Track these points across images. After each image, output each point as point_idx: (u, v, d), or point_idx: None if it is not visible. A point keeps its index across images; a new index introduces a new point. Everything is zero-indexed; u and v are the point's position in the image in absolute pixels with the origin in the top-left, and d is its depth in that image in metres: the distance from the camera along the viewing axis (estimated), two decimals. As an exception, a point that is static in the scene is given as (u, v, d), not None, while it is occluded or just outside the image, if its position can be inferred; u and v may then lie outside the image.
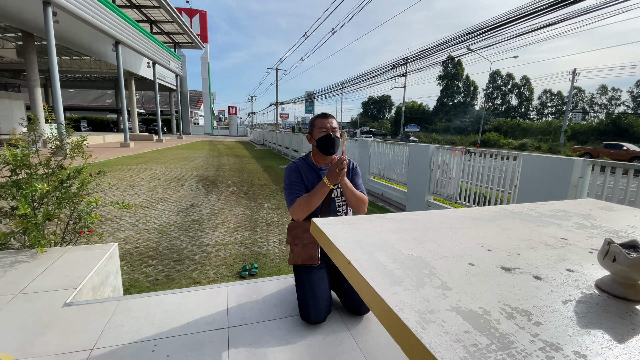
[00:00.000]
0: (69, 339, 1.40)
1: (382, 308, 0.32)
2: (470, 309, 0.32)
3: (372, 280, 0.36)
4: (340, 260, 0.43)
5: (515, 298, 0.34)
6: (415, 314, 0.31)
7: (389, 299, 0.33)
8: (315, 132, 1.64)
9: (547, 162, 3.72)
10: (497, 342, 0.28)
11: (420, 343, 0.27)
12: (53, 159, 2.55)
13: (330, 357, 1.34)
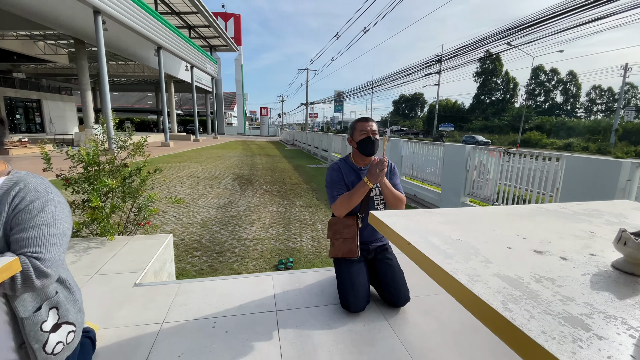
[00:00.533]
0: (142, 313, 1.64)
1: (440, 273, 0.43)
2: (507, 275, 0.43)
3: (430, 255, 0.47)
4: (401, 242, 0.54)
5: (543, 270, 0.44)
6: (466, 276, 0.42)
7: (445, 267, 0.44)
8: (356, 135, 1.76)
9: (592, 164, 3.55)
10: (527, 295, 0.38)
11: (472, 292, 0.38)
12: (117, 157, 2.88)
13: (370, 342, 1.46)
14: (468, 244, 0.53)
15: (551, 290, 0.39)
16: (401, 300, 1.71)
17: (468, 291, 0.37)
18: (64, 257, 0.92)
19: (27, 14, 12.82)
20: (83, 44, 17.34)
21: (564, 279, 0.42)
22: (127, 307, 1.68)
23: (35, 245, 0.84)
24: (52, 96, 26.45)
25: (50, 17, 13.77)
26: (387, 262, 1.81)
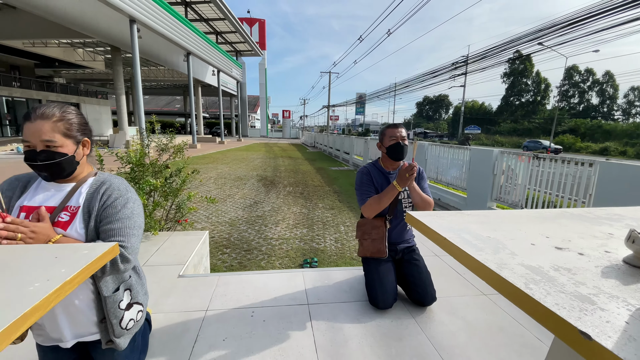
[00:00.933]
0: (187, 302, 1.80)
1: (474, 262, 0.52)
2: (530, 264, 0.51)
3: (463, 247, 0.56)
4: (437, 237, 0.64)
5: (561, 262, 0.53)
6: (495, 264, 0.51)
7: (477, 256, 0.53)
8: (386, 141, 1.85)
9: (627, 171, 3.43)
10: (545, 279, 0.47)
11: (500, 276, 0.47)
12: (159, 159, 3.12)
13: (398, 337, 1.54)
14: (496, 240, 0.62)
15: (566, 277, 0.47)
16: (428, 300, 1.78)
17: (497, 275, 0.47)
18: (139, 246, 1.08)
19: (71, 23, 13.82)
20: (119, 50, 18.40)
21: (578, 269, 0.50)
22: (174, 295, 1.85)
23: (120, 235, 1.00)
24: (90, 100, 28.20)
25: (91, 26, 14.78)
26: (415, 262, 1.89)
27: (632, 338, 0.35)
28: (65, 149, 0.97)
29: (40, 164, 0.94)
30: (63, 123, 0.97)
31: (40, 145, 0.93)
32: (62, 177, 1.01)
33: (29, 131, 0.94)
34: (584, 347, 0.35)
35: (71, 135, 0.99)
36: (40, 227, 0.89)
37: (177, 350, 1.41)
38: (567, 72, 47.22)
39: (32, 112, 0.95)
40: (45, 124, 0.93)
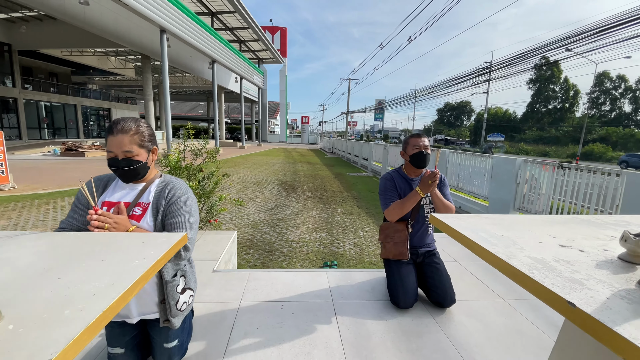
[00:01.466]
0: (222, 294, 1.97)
1: (487, 253, 0.63)
2: (535, 257, 0.62)
3: (479, 242, 0.68)
4: (457, 235, 0.75)
5: (563, 256, 0.63)
6: (505, 255, 0.62)
7: (491, 249, 0.64)
8: (409, 149, 1.96)
9: (658, 181, 3.36)
10: (546, 268, 0.58)
11: (509, 264, 0.58)
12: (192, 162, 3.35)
13: (418, 334, 1.64)
14: (508, 238, 0.73)
15: (564, 267, 0.58)
16: (447, 301, 1.87)
17: (507, 264, 0.58)
18: (195, 238, 1.25)
19: (106, 34, 14.74)
20: (149, 59, 19.36)
21: (576, 262, 0.60)
22: (210, 288, 2.03)
23: (182, 228, 1.18)
24: (120, 105, 29.73)
25: (124, 36, 15.70)
26: (435, 265, 1.98)
27: (609, 308, 0.46)
28: (140, 157, 1.17)
29: (122, 169, 1.14)
30: (138, 136, 1.16)
31: (121, 155, 1.13)
32: (137, 179, 1.21)
33: (112, 143, 1.14)
34: (569, 312, 0.46)
35: (144, 146, 1.18)
36: (121, 219, 1.08)
37: (217, 335, 1.58)
38: (597, 79, 45.31)
39: (114, 126, 1.15)
40: (125, 138, 1.13)
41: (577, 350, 0.72)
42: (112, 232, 1.03)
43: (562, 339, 0.77)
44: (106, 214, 1.04)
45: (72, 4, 12.41)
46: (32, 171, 10.17)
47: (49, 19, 17.59)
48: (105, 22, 14.53)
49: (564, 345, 0.76)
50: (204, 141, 3.38)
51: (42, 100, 22.23)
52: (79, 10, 12.96)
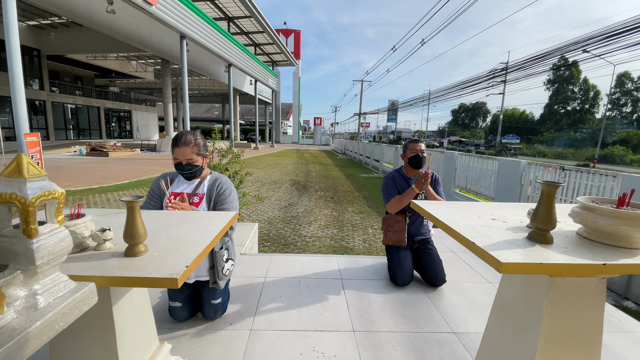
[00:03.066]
0: (250, 271, 2.37)
1: (439, 222, 0.98)
2: (468, 224, 0.98)
3: (436, 215, 1.03)
4: (425, 213, 1.09)
5: (489, 224, 0.98)
6: (450, 221, 0.98)
7: (441, 219, 1.00)
8: (408, 152, 2.32)
9: (649, 183, 3.59)
10: (472, 229, 0.93)
11: (450, 227, 0.94)
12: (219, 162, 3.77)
13: (411, 305, 1.99)
14: (459, 214, 1.07)
15: (485, 229, 0.92)
16: (438, 281, 2.21)
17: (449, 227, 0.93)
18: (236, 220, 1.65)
19: (129, 39, 15.56)
20: (168, 62, 20.19)
21: (495, 227, 0.94)
22: (240, 266, 2.43)
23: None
24: (140, 107, 30.90)
25: (145, 41, 16.51)
26: (429, 251, 2.32)
27: (496, 247, 0.81)
28: (197, 162, 1.59)
29: (186, 172, 1.57)
30: (196, 147, 1.59)
31: (185, 161, 1.56)
32: (195, 177, 1.63)
33: (177, 153, 1.57)
34: (472, 247, 0.81)
35: (200, 154, 1.61)
36: (185, 205, 1.49)
37: (249, 299, 1.97)
38: (618, 80, 44.01)
39: (179, 140, 1.57)
40: (187, 149, 1.56)
41: (509, 291, 1.07)
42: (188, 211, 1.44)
43: (500, 286, 1.12)
44: (177, 202, 1.46)
45: (99, 12, 13.21)
46: (64, 170, 10.93)
47: (76, 25, 18.62)
48: (129, 28, 15.35)
49: (502, 288, 1.11)
50: (230, 143, 3.80)
51: (68, 103, 23.42)
52: (105, 17, 13.75)
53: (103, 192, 7.55)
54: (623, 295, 3.66)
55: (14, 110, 7.51)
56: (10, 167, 0.49)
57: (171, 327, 1.70)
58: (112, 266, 0.82)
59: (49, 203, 0.52)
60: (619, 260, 0.80)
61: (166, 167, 12.11)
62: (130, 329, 1.08)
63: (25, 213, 0.48)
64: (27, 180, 0.48)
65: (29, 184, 0.49)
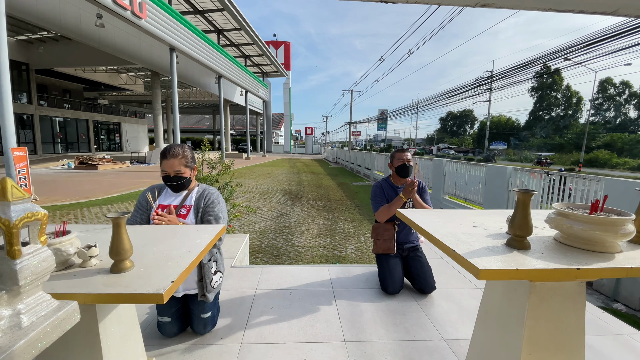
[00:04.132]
0: (241, 284, 2.35)
1: (420, 229, 1.01)
2: (451, 232, 1.00)
3: (418, 223, 1.06)
4: (408, 220, 1.12)
5: (470, 231, 1.01)
6: (432, 230, 1.00)
7: (423, 226, 1.03)
8: (395, 162, 2.36)
9: (630, 186, 3.70)
10: (453, 236, 0.96)
11: (432, 235, 0.96)
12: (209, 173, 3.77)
13: (402, 313, 2.00)
14: (441, 222, 1.10)
15: (466, 237, 0.95)
16: (428, 288, 2.23)
17: (431, 235, 0.95)
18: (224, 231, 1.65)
19: (118, 52, 15.54)
20: (158, 75, 20.17)
21: (476, 234, 0.97)
22: (230, 279, 2.41)
23: (216, 223, 1.59)
24: (129, 119, 30.64)
25: (135, 54, 16.52)
26: (418, 258, 2.34)
27: (475, 254, 0.84)
28: (185, 174, 1.60)
29: (174, 184, 1.57)
30: (184, 159, 1.60)
31: (172, 173, 1.57)
32: (183, 189, 1.63)
33: (166, 165, 1.58)
34: (452, 255, 0.84)
35: (188, 165, 1.62)
36: (172, 218, 1.49)
37: (239, 313, 1.95)
38: (600, 85, 45.52)
39: (167, 153, 1.59)
40: (175, 161, 1.57)
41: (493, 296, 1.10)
42: (176, 225, 1.44)
43: (485, 292, 1.15)
44: (163, 214, 1.46)
45: (88, 26, 13.19)
46: (50, 184, 10.71)
47: (65, 39, 18.53)
48: (118, 42, 15.35)
49: (486, 293, 1.13)
50: (220, 154, 3.80)
51: (56, 116, 23.11)
52: (94, 31, 13.73)
53: (91, 206, 7.42)
54: (612, 298, 3.73)
55: (1, 125, 7.37)
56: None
57: (160, 343, 1.67)
58: (97, 283, 0.82)
59: (32, 224, 0.53)
60: (592, 264, 0.83)
61: (156, 179, 11.99)
62: (117, 346, 1.06)
63: (9, 235, 0.49)
64: (11, 203, 0.50)
65: (13, 206, 0.50)
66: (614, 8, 0.80)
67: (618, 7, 0.79)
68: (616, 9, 0.80)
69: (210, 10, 19.38)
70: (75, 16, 12.93)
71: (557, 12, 0.84)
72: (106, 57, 18.28)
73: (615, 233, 0.88)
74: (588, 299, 3.51)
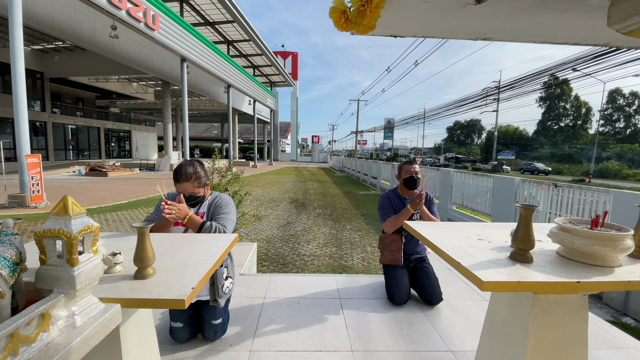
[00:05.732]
0: (249, 292, 2.40)
1: (427, 241, 1.05)
2: (456, 244, 1.04)
3: (425, 235, 1.10)
4: (415, 232, 1.17)
5: (475, 244, 1.05)
6: (438, 242, 1.04)
7: (429, 238, 1.07)
8: (402, 174, 2.40)
9: (638, 199, 3.68)
10: (459, 249, 1.01)
11: (438, 247, 1.01)
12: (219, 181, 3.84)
13: (409, 323, 2.02)
14: (446, 235, 1.14)
15: (471, 249, 0.99)
16: (435, 299, 2.24)
17: (437, 247, 1.00)
18: (232, 230, 1.70)
19: (131, 62, 15.98)
20: (168, 84, 20.63)
21: (480, 247, 1.01)
22: (239, 287, 2.46)
23: (223, 220, 1.66)
24: (139, 127, 31.24)
25: (147, 64, 16.96)
26: (425, 269, 2.37)
27: (479, 267, 0.88)
28: (199, 193, 1.69)
29: (189, 203, 1.66)
30: (196, 180, 1.68)
31: (187, 194, 1.64)
32: (198, 204, 1.71)
33: (180, 188, 1.68)
34: (457, 267, 0.88)
35: (201, 185, 1.70)
36: (182, 206, 1.55)
37: (248, 320, 2.00)
38: (610, 96, 45.11)
39: (180, 176, 1.67)
40: (188, 185, 1.66)
41: (498, 308, 1.13)
42: (192, 234, 1.50)
43: (490, 304, 1.18)
44: (172, 203, 1.52)
45: (103, 37, 13.64)
46: (62, 190, 10.94)
47: (79, 49, 19.12)
48: (131, 52, 15.80)
49: (492, 305, 1.16)
50: (229, 163, 3.89)
51: (69, 123, 23.68)
52: (108, 42, 14.17)
53: (102, 213, 7.56)
54: (622, 312, 3.68)
55: (16, 132, 7.64)
56: (57, 207, 0.57)
57: (172, 348, 1.72)
58: (123, 288, 0.88)
59: (86, 236, 0.60)
60: (592, 278, 0.87)
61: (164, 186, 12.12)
62: (135, 349, 1.11)
63: (70, 245, 0.57)
64: (72, 217, 0.57)
65: (73, 220, 0.57)
66: (606, 41, 0.85)
67: (609, 40, 0.85)
68: (608, 41, 0.85)
69: (221, 22, 19.87)
70: (90, 27, 13.38)
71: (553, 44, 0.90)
72: (119, 66, 18.82)
73: (614, 248, 0.91)
74: (597, 313, 3.47)
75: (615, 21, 0.72)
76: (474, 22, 0.96)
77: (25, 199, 7.81)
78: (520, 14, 0.87)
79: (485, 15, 0.90)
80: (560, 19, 0.86)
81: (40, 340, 0.49)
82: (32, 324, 0.49)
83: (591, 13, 0.80)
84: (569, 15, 0.83)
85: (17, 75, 7.44)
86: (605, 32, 0.79)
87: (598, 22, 0.81)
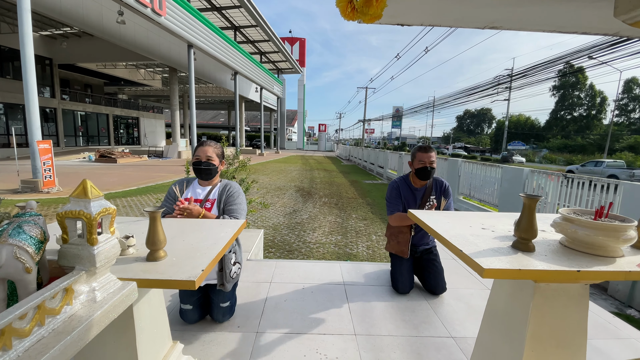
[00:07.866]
0: (256, 276, 2.46)
1: (430, 229, 1.06)
2: (460, 233, 1.06)
3: (428, 223, 1.12)
4: (419, 221, 1.18)
5: (478, 233, 1.06)
6: (443, 231, 1.06)
7: (435, 228, 1.09)
8: (416, 163, 2.26)
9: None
10: (461, 237, 1.02)
11: (442, 236, 1.02)
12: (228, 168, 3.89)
13: (411, 310, 2.06)
14: (450, 224, 1.16)
15: (474, 237, 1.01)
16: (439, 289, 2.27)
17: (441, 236, 1.01)
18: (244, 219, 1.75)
19: (138, 49, 15.96)
20: (175, 71, 20.59)
21: (483, 235, 1.03)
22: (246, 272, 2.53)
23: (235, 212, 1.71)
24: (147, 114, 31.42)
25: (154, 50, 16.92)
26: (431, 261, 2.36)
27: (481, 254, 0.90)
28: (215, 162, 1.76)
29: (203, 168, 1.74)
30: (217, 148, 1.79)
31: (204, 158, 1.73)
32: (209, 179, 1.76)
33: (200, 151, 1.76)
34: (459, 254, 0.90)
35: (219, 155, 1.77)
36: (194, 206, 1.60)
37: (255, 303, 2.06)
38: (626, 85, 43.68)
39: (203, 142, 1.79)
40: (209, 148, 1.76)
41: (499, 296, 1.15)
42: (193, 216, 1.56)
43: (492, 292, 1.20)
44: (185, 205, 1.58)
45: (110, 22, 13.61)
46: (73, 176, 11.17)
47: (87, 35, 19.12)
48: (138, 38, 15.75)
49: (493, 293, 1.19)
50: (236, 150, 3.92)
51: (78, 110, 23.92)
52: (115, 28, 14.14)
53: (112, 198, 7.72)
54: (627, 304, 3.68)
55: (27, 118, 7.77)
56: (77, 190, 0.61)
57: (182, 328, 1.79)
58: (137, 269, 0.92)
59: (104, 217, 0.63)
60: (593, 267, 0.88)
61: (172, 172, 12.32)
62: (148, 327, 1.17)
63: (90, 226, 0.61)
64: (91, 200, 0.61)
65: (92, 202, 0.61)
66: (615, 30, 0.84)
67: (619, 29, 0.83)
68: (617, 31, 0.84)
69: (227, 7, 19.60)
70: (97, 13, 13.34)
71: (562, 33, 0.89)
72: (126, 53, 18.80)
73: (617, 238, 0.92)
74: (602, 304, 3.48)
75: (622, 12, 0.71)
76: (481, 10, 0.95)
77: (37, 184, 8.00)
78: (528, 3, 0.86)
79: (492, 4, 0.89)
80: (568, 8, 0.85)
81: (64, 312, 0.54)
82: (56, 298, 0.54)
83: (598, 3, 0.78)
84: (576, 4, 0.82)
85: (26, 60, 7.51)
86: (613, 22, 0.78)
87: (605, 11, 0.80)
